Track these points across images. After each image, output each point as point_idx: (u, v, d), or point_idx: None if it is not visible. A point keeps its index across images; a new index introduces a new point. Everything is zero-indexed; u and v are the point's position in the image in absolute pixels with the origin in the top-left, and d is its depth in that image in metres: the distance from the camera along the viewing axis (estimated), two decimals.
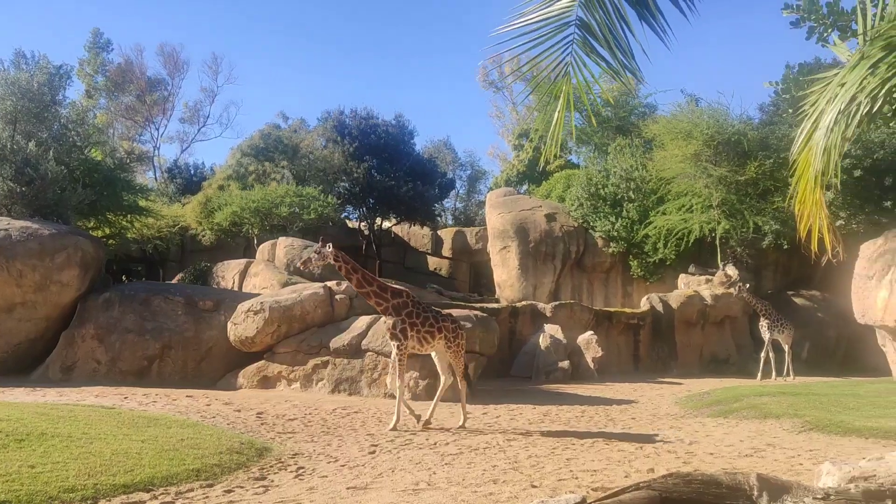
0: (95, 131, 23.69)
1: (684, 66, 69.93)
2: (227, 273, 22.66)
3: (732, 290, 21.61)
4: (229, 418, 10.78)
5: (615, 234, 26.19)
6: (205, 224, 28.18)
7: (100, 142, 24.05)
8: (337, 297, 16.13)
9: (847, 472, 4.55)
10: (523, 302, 22.30)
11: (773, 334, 19.13)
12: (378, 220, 33.88)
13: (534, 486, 6.66)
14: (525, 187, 36.60)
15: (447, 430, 10.37)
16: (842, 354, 23.04)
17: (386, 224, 34.68)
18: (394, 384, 10.90)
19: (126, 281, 24.74)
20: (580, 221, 27.26)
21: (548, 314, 20.72)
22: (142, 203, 24.17)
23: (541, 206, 27.99)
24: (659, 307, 22.43)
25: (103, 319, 16.25)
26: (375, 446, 8.85)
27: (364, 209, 33.44)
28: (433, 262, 34.38)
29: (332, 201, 28.46)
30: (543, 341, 19.44)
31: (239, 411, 11.58)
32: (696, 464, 7.91)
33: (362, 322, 15.28)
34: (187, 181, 37.53)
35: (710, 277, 24.02)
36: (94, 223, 22.94)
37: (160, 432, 8.38)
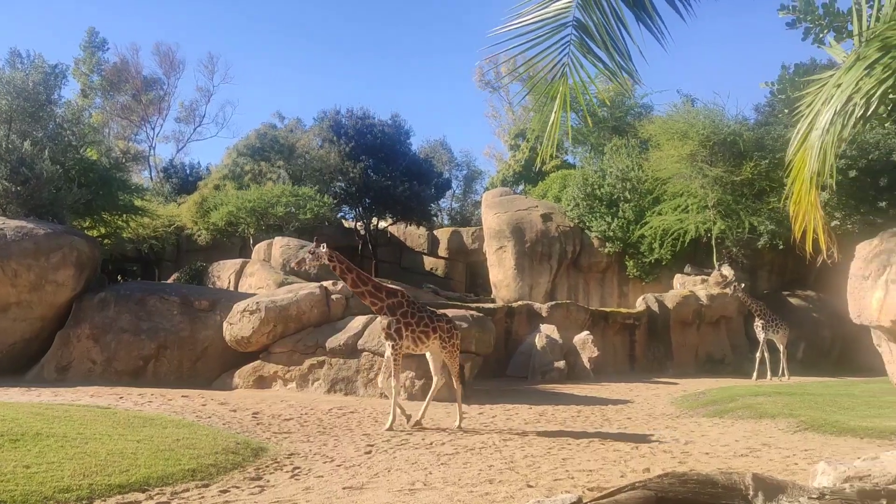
0: (91, 131, 23.62)
1: (680, 67, 70.14)
2: (223, 273, 22.62)
3: (728, 291, 21.65)
4: (225, 418, 10.76)
5: (611, 235, 26.23)
6: (200, 224, 28.12)
7: (95, 141, 23.98)
8: (333, 297, 16.12)
9: (842, 472, 4.57)
10: (519, 302, 22.31)
11: (768, 334, 19.17)
12: (374, 220, 33.89)
13: (530, 486, 6.66)
14: (521, 187, 36.62)
15: (443, 430, 10.37)
16: (837, 354, 23.11)
17: (382, 224, 34.68)
18: (386, 383, 10.91)
19: (121, 281, 24.68)
20: (576, 221, 27.29)
21: (544, 314, 20.73)
22: (137, 203, 24.14)
23: (537, 206, 28.02)
24: (655, 307, 22.46)
25: (99, 319, 16.22)
26: (371, 446, 8.85)
27: (360, 209, 33.44)
28: (429, 262, 34.38)
29: (329, 201, 28.44)
30: (539, 341, 19.45)
31: (235, 411, 11.56)
32: (692, 463, 7.93)
33: (358, 322, 15.27)
34: (183, 181, 37.46)
35: (706, 277, 24.06)
36: (90, 223, 22.90)
37: (156, 432, 8.36)
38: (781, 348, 19.35)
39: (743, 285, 20.81)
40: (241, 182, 31.39)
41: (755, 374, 19.04)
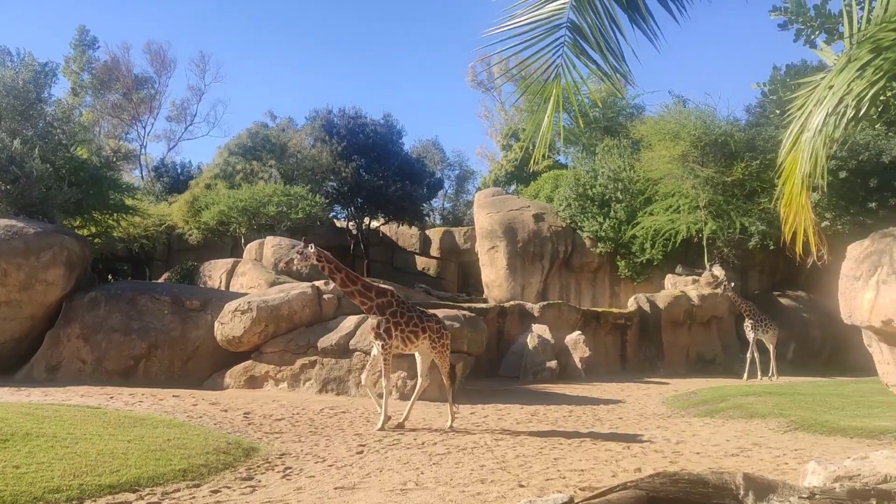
0: (81, 129, 23.53)
1: (672, 68, 70.32)
2: (214, 272, 22.55)
3: (718, 291, 21.73)
4: (216, 418, 10.73)
5: (603, 235, 26.28)
6: (192, 223, 28.03)
7: (86, 140, 23.88)
8: (325, 297, 16.10)
9: (832, 472, 4.59)
10: (511, 302, 22.32)
11: (758, 334, 19.24)
12: (366, 220, 33.85)
13: (521, 486, 6.67)
14: (513, 187, 36.65)
15: (435, 430, 10.37)
16: (827, 354, 23.22)
17: (374, 224, 34.64)
18: (369, 382, 10.90)
19: (112, 280, 24.58)
20: (568, 222, 27.34)
21: (536, 314, 20.75)
22: (128, 202, 24.01)
23: (529, 207, 28.05)
24: (646, 307, 22.52)
25: (89, 319, 16.14)
26: (363, 446, 8.84)
27: (352, 209, 33.40)
28: (421, 262, 34.37)
29: (320, 201, 28.38)
30: (531, 341, 19.47)
31: (226, 411, 11.53)
32: (683, 463, 7.95)
33: (350, 322, 15.25)
34: (174, 180, 37.33)
35: (697, 278, 24.14)
36: (80, 222, 22.78)
37: (146, 432, 8.33)
38: (771, 348, 19.43)
39: (732, 284, 20.89)
40: (233, 181, 31.29)
41: (746, 374, 19.11)
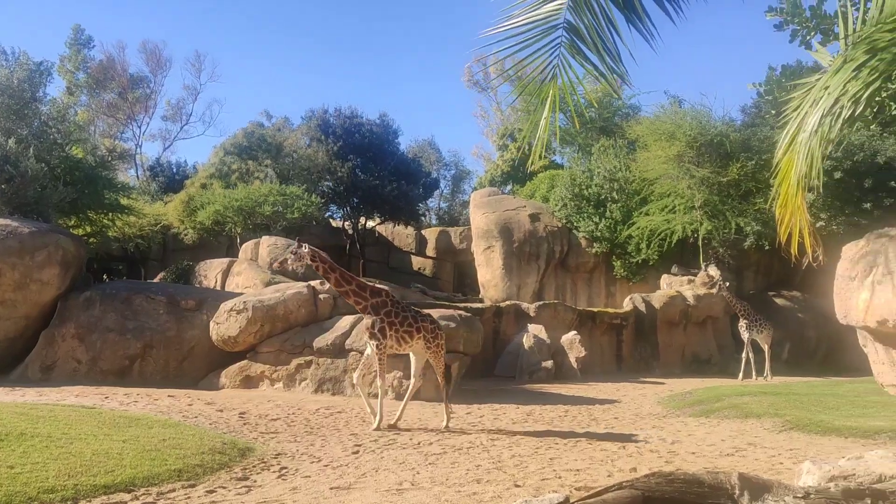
0: (76, 129, 23.45)
1: (667, 68, 70.41)
2: (210, 272, 22.52)
3: (713, 291, 21.75)
4: (211, 418, 10.71)
5: (598, 235, 26.31)
6: (187, 223, 27.97)
7: (81, 139, 23.80)
8: (320, 297, 16.09)
9: (827, 471, 4.60)
10: (507, 302, 22.33)
11: (752, 334, 19.26)
12: (362, 220, 33.84)
13: (517, 486, 6.67)
14: (509, 187, 36.68)
15: (431, 430, 10.38)
16: (822, 355, 23.27)
17: (370, 223, 34.65)
18: (360, 381, 10.90)
19: (107, 280, 24.51)
20: (564, 222, 27.35)
21: (532, 314, 20.76)
22: (123, 201, 23.95)
23: (525, 207, 28.05)
24: (642, 307, 22.54)
25: (84, 318, 16.10)
26: (359, 446, 8.83)
27: (348, 208, 33.39)
28: (417, 262, 34.36)
29: (316, 200, 28.35)
30: (527, 341, 19.48)
31: (221, 411, 11.51)
32: (679, 463, 7.97)
33: (346, 322, 15.24)
34: (170, 179, 37.25)
35: (693, 278, 24.18)
36: (75, 221, 22.72)
37: (141, 432, 8.31)
38: (765, 348, 19.45)
39: (728, 284, 20.92)
40: (229, 181, 31.25)
41: (741, 374, 19.14)
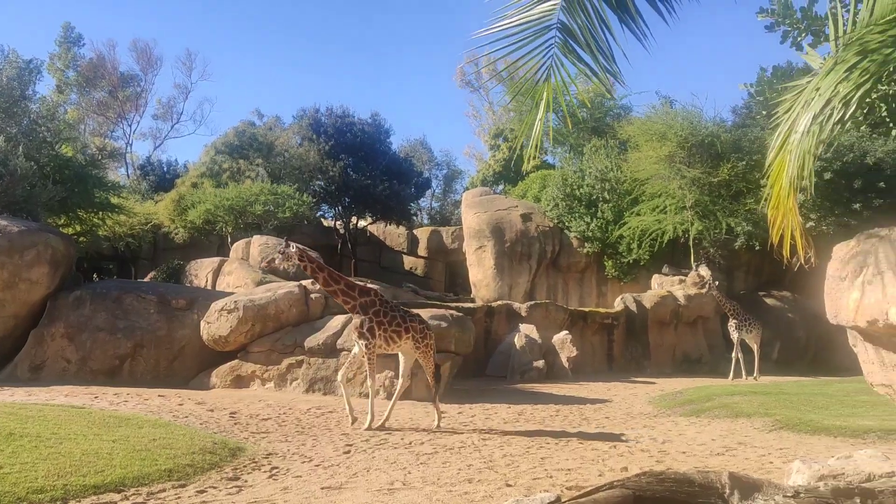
0: (66, 127, 23.31)
1: (658, 68, 70.64)
2: (201, 271, 22.43)
3: (703, 290, 21.82)
4: (202, 418, 10.67)
5: (590, 235, 26.36)
6: (178, 222, 27.87)
7: (71, 138, 23.65)
8: (312, 297, 16.05)
9: (816, 471, 4.62)
10: (499, 301, 22.34)
11: (741, 334, 19.32)
12: (354, 219, 33.79)
13: (508, 485, 6.68)
14: (501, 187, 36.70)
15: (422, 430, 10.37)
16: (812, 354, 23.38)
17: (362, 223, 34.58)
18: (344, 378, 10.89)
19: (97, 279, 24.39)
20: (555, 221, 27.40)
21: (523, 314, 20.78)
22: (114, 200, 23.83)
23: (516, 206, 28.08)
24: (633, 307, 22.60)
25: (74, 318, 16.01)
26: (350, 446, 8.82)
27: (340, 208, 33.33)
28: (409, 262, 34.35)
29: (308, 200, 28.29)
30: (519, 341, 19.49)
31: (212, 411, 11.47)
32: (669, 462, 7.99)
33: (337, 321, 15.21)
34: (160, 178, 37.09)
35: (684, 278, 24.25)
36: (65, 220, 22.58)
37: (131, 432, 8.27)
38: (755, 348, 19.52)
39: (717, 283, 20.99)
40: (220, 180, 31.14)
41: (731, 374, 19.21)
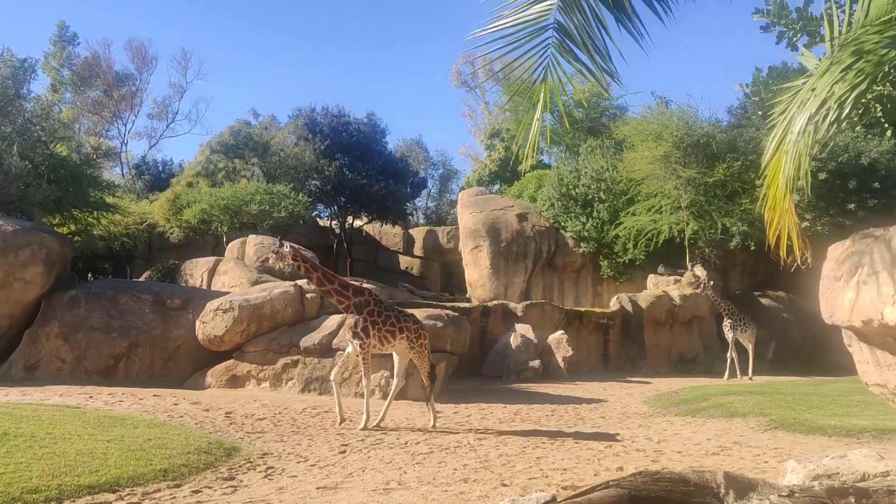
0: (61, 126, 23.25)
1: (654, 68, 70.65)
2: (196, 271, 22.40)
3: (699, 290, 21.86)
4: (197, 418, 10.65)
5: (586, 235, 26.38)
6: (173, 221, 27.81)
7: (65, 137, 23.60)
8: (307, 296, 16.03)
9: (811, 470, 4.63)
10: (495, 301, 22.35)
11: (736, 334, 19.36)
12: (349, 219, 33.77)
13: (504, 485, 6.68)
14: (497, 187, 36.72)
15: (418, 430, 10.37)
16: (807, 354, 23.41)
17: (357, 223, 34.57)
18: (337, 378, 10.87)
19: (92, 278, 24.33)
20: (551, 221, 27.41)
21: (519, 314, 20.79)
22: (109, 200, 23.76)
23: (512, 206, 28.09)
24: (628, 307, 22.62)
25: (69, 317, 15.96)
26: (346, 446, 8.81)
27: (335, 207, 33.30)
28: (405, 262, 34.34)
29: (303, 199, 28.26)
30: (514, 341, 19.50)
31: (207, 411, 11.45)
32: (665, 462, 8.00)
33: (333, 321, 15.19)
34: (155, 178, 37.02)
35: (679, 278, 24.28)
36: (60, 220, 22.52)
37: (126, 432, 8.25)
38: (749, 348, 19.54)
39: (712, 283, 21.01)
40: (215, 179, 31.06)
41: (726, 374, 19.24)
